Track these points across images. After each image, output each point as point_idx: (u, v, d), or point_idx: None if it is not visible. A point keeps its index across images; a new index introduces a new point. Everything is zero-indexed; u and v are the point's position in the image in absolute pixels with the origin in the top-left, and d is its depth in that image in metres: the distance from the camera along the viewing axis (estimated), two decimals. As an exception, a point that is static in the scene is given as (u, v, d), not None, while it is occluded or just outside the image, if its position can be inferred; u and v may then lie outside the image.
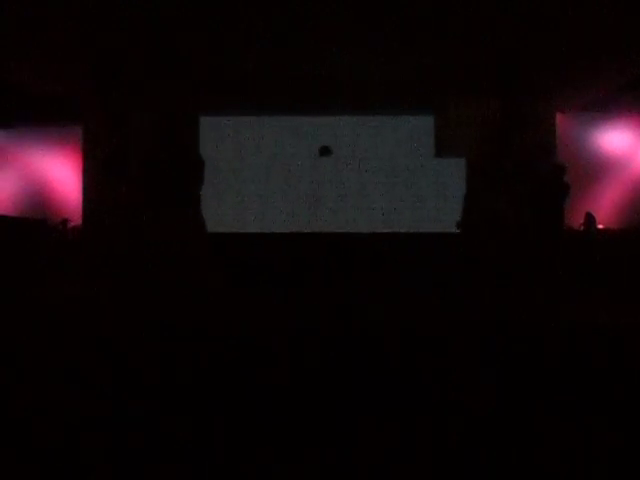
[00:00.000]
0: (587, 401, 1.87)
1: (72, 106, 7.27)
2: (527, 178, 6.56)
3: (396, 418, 1.71)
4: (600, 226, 6.99)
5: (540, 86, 6.82)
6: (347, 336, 3.18)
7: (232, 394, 1.96)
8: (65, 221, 7.28)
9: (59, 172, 8.02)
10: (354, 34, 5.63)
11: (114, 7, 4.97)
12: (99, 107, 6.78)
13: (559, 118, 7.34)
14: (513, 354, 2.61)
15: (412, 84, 7.00)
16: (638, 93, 6.90)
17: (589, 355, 2.64)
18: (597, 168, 7.53)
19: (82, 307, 4.40)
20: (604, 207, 7.49)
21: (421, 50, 6.04)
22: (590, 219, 6.78)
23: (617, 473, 1.36)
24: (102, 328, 3.44)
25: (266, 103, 7.20)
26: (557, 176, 5.50)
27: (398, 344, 2.93)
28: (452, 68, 6.51)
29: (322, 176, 7.32)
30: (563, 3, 4.88)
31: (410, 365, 2.43)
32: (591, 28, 5.31)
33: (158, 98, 6.73)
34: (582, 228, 6.83)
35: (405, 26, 5.40)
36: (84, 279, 6.04)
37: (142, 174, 4.22)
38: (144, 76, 6.57)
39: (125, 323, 3.61)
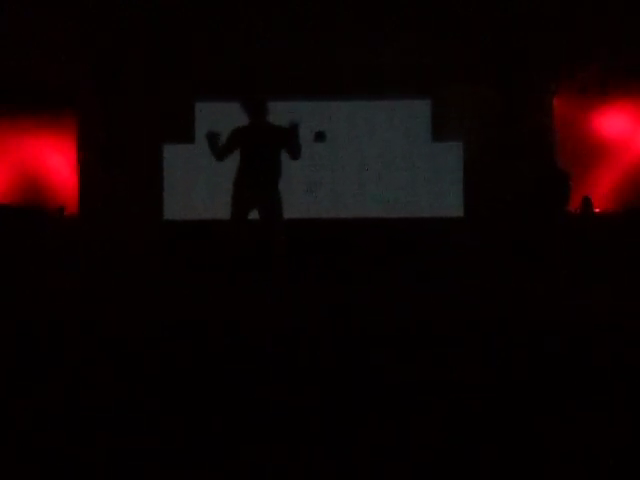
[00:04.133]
0: (588, 398, 1.88)
1: (68, 92, 7.20)
2: (526, 163, 6.57)
3: (394, 417, 1.73)
4: (596, 210, 7.00)
5: (538, 70, 6.77)
6: (344, 323, 3.20)
7: (228, 392, 1.98)
8: (61, 209, 7.25)
9: (53, 159, 7.96)
10: (351, 18, 5.59)
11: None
12: (96, 94, 6.75)
13: (556, 101, 7.30)
14: (514, 346, 2.63)
15: (409, 68, 6.95)
16: (636, 76, 6.86)
17: (588, 344, 2.66)
18: (594, 152, 7.50)
19: (81, 297, 4.42)
20: (601, 191, 7.48)
21: (419, 34, 6.00)
22: (587, 203, 6.79)
23: (618, 472, 1.37)
24: (100, 319, 3.46)
25: (262, 88, 7.15)
26: (553, 166, 5.50)
27: (396, 334, 2.95)
28: (449, 52, 6.47)
29: (318, 161, 7.29)
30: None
31: (409, 357, 2.46)
32: (589, 11, 5.27)
33: (156, 85, 6.70)
34: (579, 212, 6.84)
35: (403, 10, 5.36)
36: (82, 268, 6.07)
37: None
38: (142, 63, 6.53)
39: (122, 316, 3.63)
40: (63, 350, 2.64)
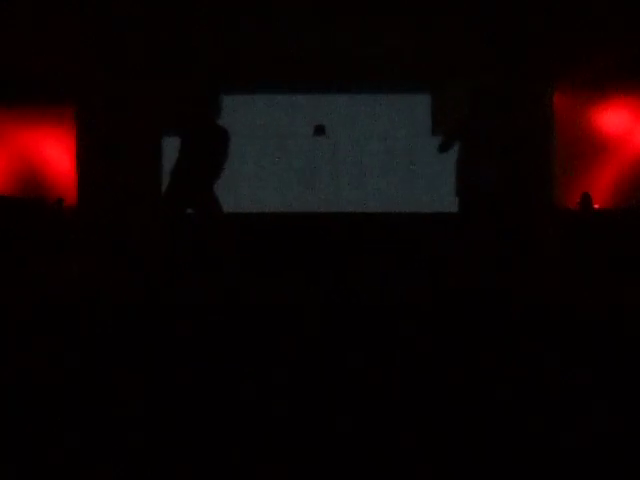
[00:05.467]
0: (588, 398, 1.88)
1: (67, 83, 7.15)
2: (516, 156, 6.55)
3: (394, 416, 1.73)
4: (596, 206, 7.00)
5: (538, 66, 6.74)
6: (343, 319, 3.20)
7: (228, 392, 1.98)
8: (60, 200, 7.22)
9: (52, 150, 7.92)
10: (351, 12, 5.55)
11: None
12: (96, 86, 6.72)
13: (557, 98, 7.27)
14: (512, 345, 2.63)
15: (409, 62, 6.91)
16: (636, 75, 6.82)
17: (588, 342, 2.66)
18: (594, 148, 7.48)
19: (80, 290, 4.41)
20: (601, 187, 7.48)
21: (419, 28, 5.97)
22: (587, 199, 6.79)
23: (618, 472, 1.37)
24: (100, 312, 3.46)
25: (261, 81, 7.12)
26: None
27: (395, 329, 2.95)
28: (451, 47, 6.44)
29: (318, 155, 7.27)
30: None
31: (408, 352, 2.46)
32: (589, 10, 5.23)
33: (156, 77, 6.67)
34: (578, 208, 6.84)
35: (403, 4, 5.33)
36: (82, 260, 6.06)
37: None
38: (142, 55, 6.50)
39: (123, 308, 3.63)
40: (62, 345, 2.64)
